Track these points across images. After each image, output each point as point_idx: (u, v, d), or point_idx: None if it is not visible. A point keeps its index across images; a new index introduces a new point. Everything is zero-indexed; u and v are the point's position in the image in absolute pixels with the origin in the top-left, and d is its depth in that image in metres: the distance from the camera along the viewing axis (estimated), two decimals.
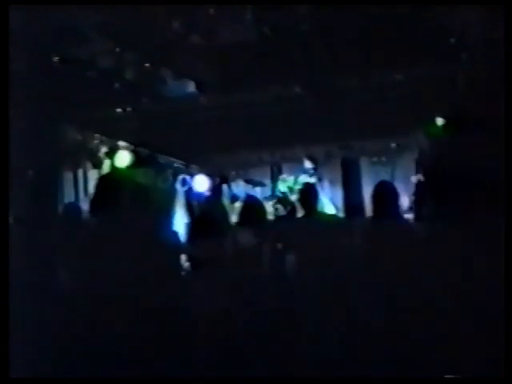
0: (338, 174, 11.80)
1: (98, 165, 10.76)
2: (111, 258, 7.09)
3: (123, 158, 10.62)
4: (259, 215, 8.24)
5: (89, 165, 11.04)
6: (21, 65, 7.59)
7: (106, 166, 10.61)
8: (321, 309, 6.63)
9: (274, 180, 11.94)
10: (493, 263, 5.99)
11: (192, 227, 9.38)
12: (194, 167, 12.03)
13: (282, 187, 11.15)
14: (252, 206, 8.47)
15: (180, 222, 9.72)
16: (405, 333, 5.97)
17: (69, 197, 10.50)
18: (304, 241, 7.98)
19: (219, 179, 10.82)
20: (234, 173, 12.01)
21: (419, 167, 9.67)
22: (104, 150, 10.64)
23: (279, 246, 7.73)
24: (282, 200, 10.45)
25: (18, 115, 7.74)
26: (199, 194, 10.63)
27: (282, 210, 10.09)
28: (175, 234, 8.88)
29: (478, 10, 7.95)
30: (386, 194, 7.60)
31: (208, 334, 6.69)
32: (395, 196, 7.73)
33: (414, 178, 9.33)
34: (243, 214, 8.35)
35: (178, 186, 10.71)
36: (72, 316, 6.52)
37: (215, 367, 6.38)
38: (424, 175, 9.19)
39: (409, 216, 8.35)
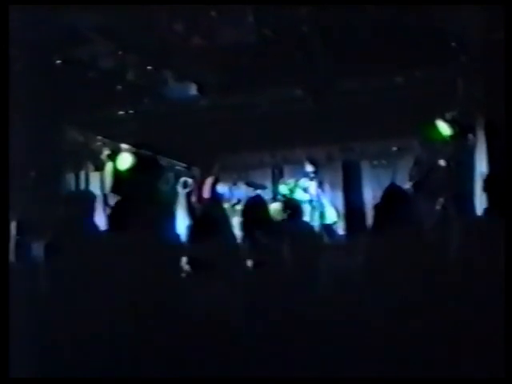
0: (338, 177, 11.78)
1: (99, 167, 10.77)
2: (112, 259, 7.10)
3: (125, 160, 10.63)
4: (262, 216, 8.28)
5: (91, 166, 11.05)
6: (22, 65, 7.62)
7: (109, 168, 10.61)
8: (324, 311, 6.64)
9: (275, 182, 11.95)
10: (494, 264, 5.99)
11: (193, 229, 9.39)
12: (195, 169, 12.04)
13: (283, 190, 11.15)
14: (255, 207, 8.50)
15: (181, 224, 9.71)
16: (405, 333, 5.97)
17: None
18: (308, 244, 7.99)
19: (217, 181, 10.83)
20: (235, 175, 12.00)
21: (415, 171, 9.68)
22: (106, 152, 10.64)
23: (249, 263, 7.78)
24: (287, 203, 10.46)
25: (20, 116, 7.75)
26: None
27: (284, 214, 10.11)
28: (176, 235, 8.88)
29: (477, 12, 7.96)
30: (395, 197, 7.62)
31: (208, 335, 6.69)
32: (405, 199, 7.75)
33: (408, 184, 9.34)
34: (245, 215, 8.38)
35: (180, 188, 10.71)
36: (72, 316, 6.53)
37: (215, 367, 6.38)
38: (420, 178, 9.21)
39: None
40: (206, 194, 10.39)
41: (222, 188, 10.98)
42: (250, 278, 8.01)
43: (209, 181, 10.49)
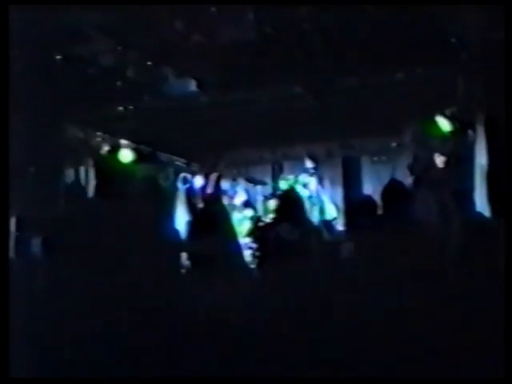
0: (338, 173, 11.77)
1: (99, 163, 10.78)
2: (112, 256, 7.11)
3: (125, 156, 10.65)
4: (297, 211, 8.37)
5: (91, 163, 11.05)
6: (22, 64, 7.62)
7: (108, 165, 10.64)
8: (324, 308, 6.64)
9: (275, 178, 11.95)
10: (494, 261, 6.00)
11: (193, 225, 9.39)
12: (194, 165, 12.04)
13: (283, 185, 11.15)
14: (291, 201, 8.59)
15: (181, 220, 9.73)
16: (406, 333, 5.98)
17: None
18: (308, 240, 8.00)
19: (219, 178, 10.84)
20: (235, 171, 12.00)
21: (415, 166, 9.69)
22: (106, 148, 10.65)
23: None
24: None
25: (21, 114, 7.75)
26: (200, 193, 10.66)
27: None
28: (176, 231, 8.89)
29: (477, 11, 7.96)
30: (395, 193, 7.64)
31: (207, 332, 6.69)
32: (405, 195, 7.76)
33: (410, 179, 9.35)
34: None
35: (179, 184, 10.73)
36: (72, 315, 6.54)
37: (215, 365, 6.39)
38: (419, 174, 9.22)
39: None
40: (210, 189, 10.43)
41: (225, 184, 11.00)
42: (250, 275, 8.03)
43: (213, 177, 10.54)
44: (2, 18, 5.55)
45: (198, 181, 10.78)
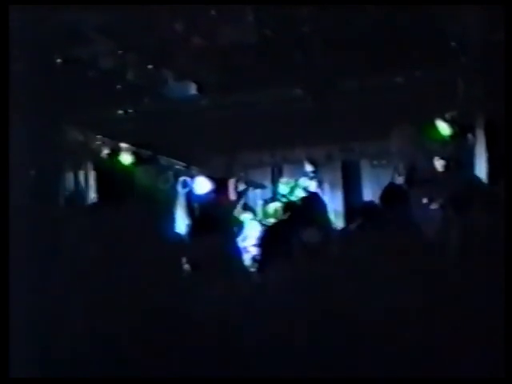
0: (338, 177, 11.79)
1: (99, 166, 10.78)
2: (112, 259, 7.09)
3: (124, 160, 10.66)
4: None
5: (90, 166, 11.05)
6: (22, 65, 7.61)
7: (108, 168, 10.64)
8: (323, 310, 6.63)
9: (275, 182, 11.95)
10: (494, 264, 5.99)
11: (192, 229, 9.39)
12: (194, 169, 12.05)
13: (283, 189, 11.14)
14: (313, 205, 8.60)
15: (181, 224, 9.73)
16: (406, 333, 5.97)
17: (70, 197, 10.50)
18: (309, 245, 7.99)
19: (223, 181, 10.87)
20: (234, 174, 12.01)
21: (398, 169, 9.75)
22: (106, 151, 10.66)
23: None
24: (287, 203, 10.48)
25: (20, 116, 7.75)
26: (200, 196, 10.67)
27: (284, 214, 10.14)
28: (176, 235, 8.87)
29: (477, 13, 7.97)
30: (395, 196, 7.63)
31: (207, 335, 6.69)
32: (404, 199, 7.75)
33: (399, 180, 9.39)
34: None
35: (179, 187, 10.74)
36: (72, 316, 6.52)
37: (215, 367, 6.37)
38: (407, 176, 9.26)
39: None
40: (232, 195, 10.51)
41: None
42: (250, 278, 8.01)
43: (232, 182, 10.62)
44: (2, 18, 5.56)
45: (204, 185, 10.78)
